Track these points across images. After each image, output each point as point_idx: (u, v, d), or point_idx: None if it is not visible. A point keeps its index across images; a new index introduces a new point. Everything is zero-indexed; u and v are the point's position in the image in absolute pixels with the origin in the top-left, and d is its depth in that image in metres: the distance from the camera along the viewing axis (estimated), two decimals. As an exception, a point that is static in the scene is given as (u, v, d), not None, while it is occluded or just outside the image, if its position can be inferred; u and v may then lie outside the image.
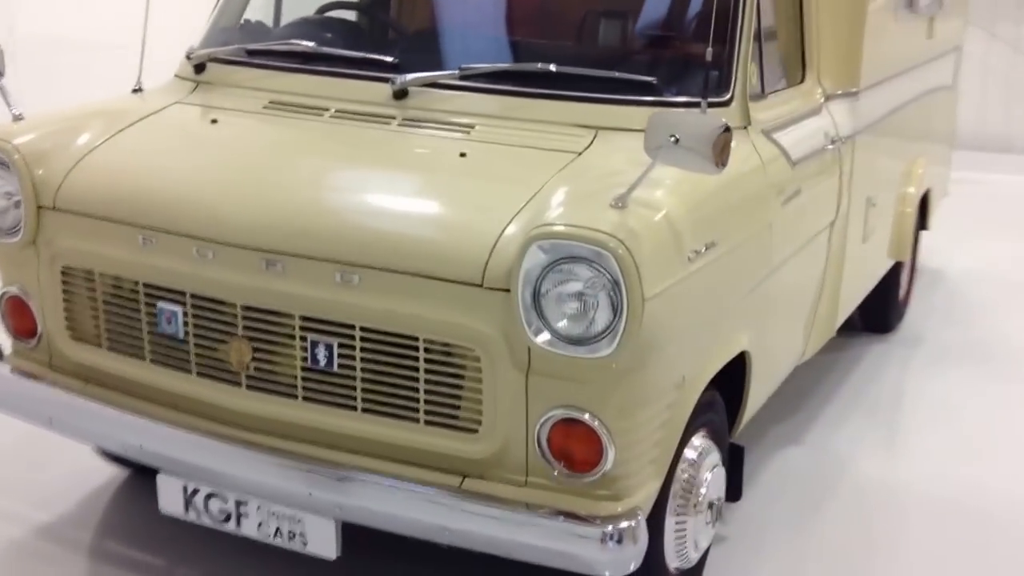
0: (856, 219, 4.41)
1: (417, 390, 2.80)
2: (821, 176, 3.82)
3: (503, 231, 2.68)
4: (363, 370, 2.83)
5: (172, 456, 3.03)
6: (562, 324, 2.60)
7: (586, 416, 2.67)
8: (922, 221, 5.92)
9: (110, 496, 3.71)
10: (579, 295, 2.59)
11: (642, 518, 2.71)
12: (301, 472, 2.87)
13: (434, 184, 2.96)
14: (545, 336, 2.61)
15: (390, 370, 2.81)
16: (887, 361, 5.36)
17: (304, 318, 2.85)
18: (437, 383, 2.78)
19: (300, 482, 2.87)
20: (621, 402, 2.69)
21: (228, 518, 3.02)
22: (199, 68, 3.60)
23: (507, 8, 3.80)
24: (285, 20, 3.94)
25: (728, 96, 3.23)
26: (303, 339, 2.87)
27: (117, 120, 3.35)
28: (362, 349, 2.81)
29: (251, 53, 3.58)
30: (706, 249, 2.84)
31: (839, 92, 4.09)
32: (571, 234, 2.55)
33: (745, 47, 3.28)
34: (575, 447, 2.71)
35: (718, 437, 3.30)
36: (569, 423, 2.70)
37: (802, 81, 3.94)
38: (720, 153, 2.54)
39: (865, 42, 4.18)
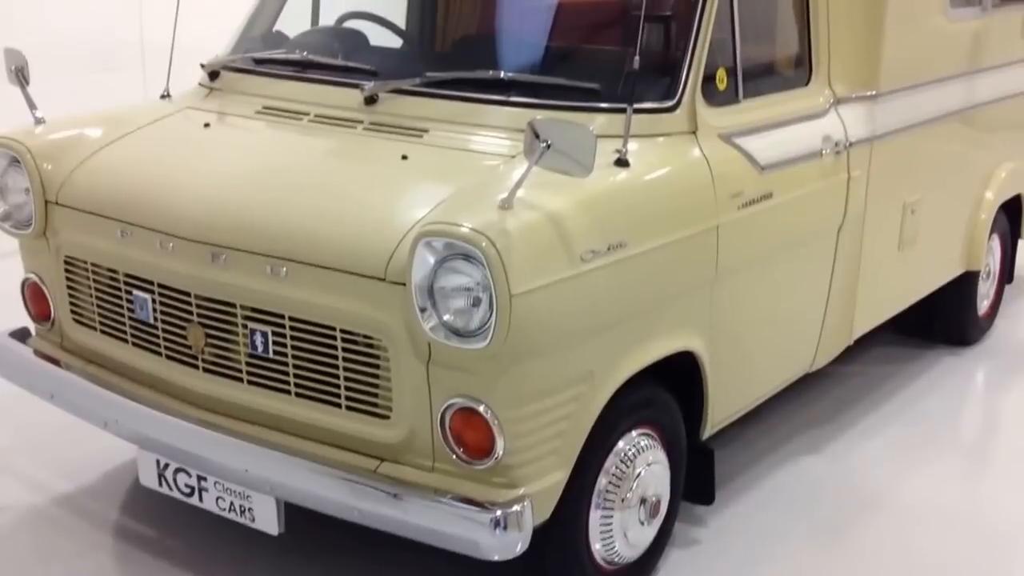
0: (884, 225, 4.32)
1: (338, 376, 2.98)
2: (813, 180, 3.78)
3: (410, 229, 2.83)
4: (294, 357, 3.04)
5: (141, 432, 3.30)
6: (448, 317, 2.73)
7: (481, 407, 2.80)
8: (1015, 229, 5.70)
9: (130, 471, 4.03)
10: (467, 290, 2.72)
11: (528, 505, 2.81)
12: (239, 451, 3.10)
13: (365, 184, 3.13)
14: (435, 328, 2.74)
15: (315, 357, 3.00)
16: (951, 374, 5.19)
17: (244, 307, 3.08)
18: (354, 371, 2.96)
19: (238, 460, 3.09)
20: (510, 393, 2.80)
21: (192, 492, 3.27)
22: (214, 76, 3.88)
23: (471, 19, 3.96)
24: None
25: (674, 102, 3.27)
26: (244, 327, 3.10)
27: (125, 124, 3.66)
28: (292, 337, 3.02)
29: (257, 62, 3.84)
30: (609, 249, 2.90)
31: (853, 95, 4.02)
32: (448, 232, 2.69)
33: (698, 55, 3.31)
34: (469, 435, 2.84)
35: (666, 435, 3.34)
36: (466, 412, 2.83)
37: (807, 84, 3.91)
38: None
39: (887, 44, 4.09)
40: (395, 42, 4.27)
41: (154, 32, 6.32)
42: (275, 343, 3.05)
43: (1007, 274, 5.73)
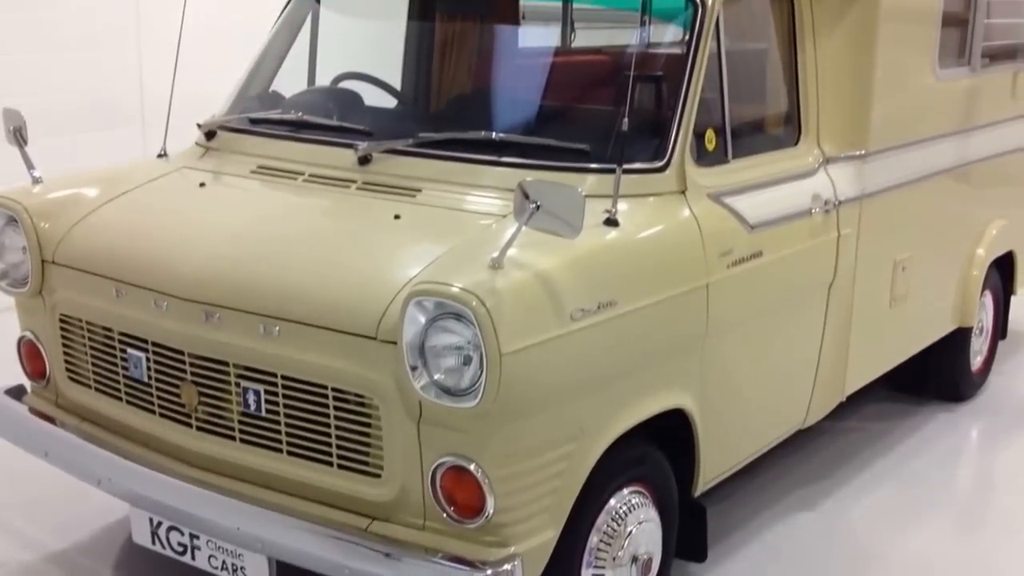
0: (875, 282, 4.35)
1: (330, 435, 2.99)
2: (802, 238, 3.82)
3: (401, 289, 2.85)
4: (286, 415, 3.05)
5: (134, 490, 3.30)
6: (439, 376, 2.75)
7: (471, 465, 2.81)
8: (1008, 285, 5.74)
9: (123, 529, 4.03)
10: (458, 349, 2.74)
11: (519, 564, 2.81)
12: (231, 509, 3.10)
13: (358, 243, 3.17)
14: (426, 387, 2.76)
15: (307, 416, 3.02)
16: (945, 431, 5.20)
17: (237, 366, 3.10)
18: (346, 429, 2.97)
19: (230, 518, 3.09)
20: (501, 452, 2.81)
21: (185, 550, 3.27)
22: (210, 135, 3.93)
23: (464, 80, 4.01)
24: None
25: (663, 163, 3.31)
26: (238, 385, 3.11)
27: (121, 184, 3.70)
28: (284, 396, 3.04)
29: (253, 122, 3.89)
30: (599, 307, 2.92)
31: (842, 155, 4.07)
32: (438, 291, 2.71)
33: (687, 115, 3.36)
34: (460, 494, 2.85)
35: (657, 493, 3.35)
36: (457, 470, 2.84)
37: (796, 144, 3.96)
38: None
39: (875, 104, 4.14)
40: (390, 102, 4.33)
41: (153, 89, 6.40)
42: (267, 401, 3.07)
43: (1000, 330, 5.76)
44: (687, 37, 3.45)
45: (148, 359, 3.29)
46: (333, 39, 4.26)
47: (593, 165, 3.25)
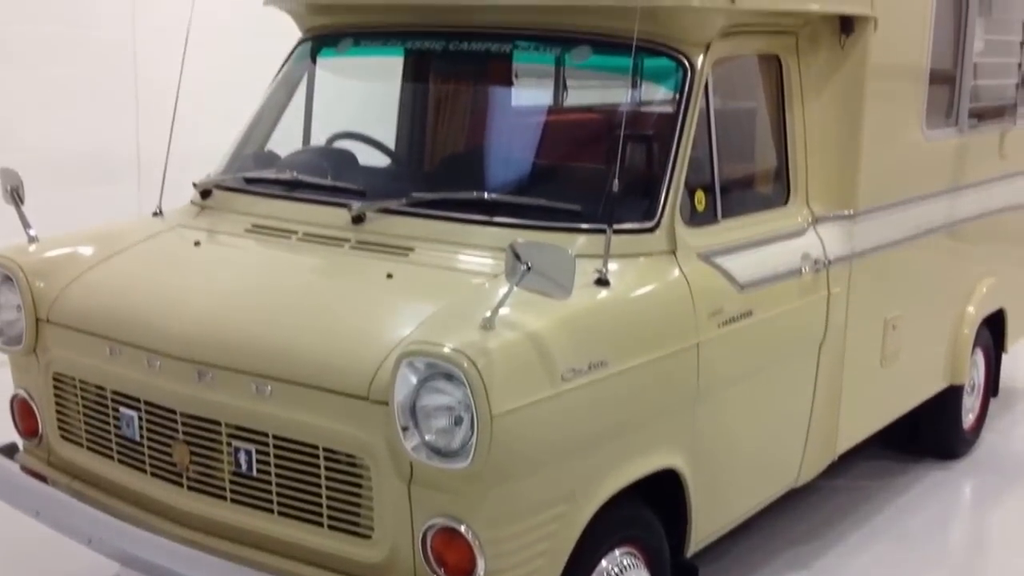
0: (866, 341, 4.37)
1: (320, 495, 2.99)
2: (792, 297, 3.84)
3: (393, 349, 2.87)
4: (277, 475, 3.05)
5: (124, 550, 3.29)
6: (430, 437, 2.76)
7: (462, 527, 2.81)
8: (998, 343, 5.76)
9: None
10: (449, 409, 2.75)
11: None
12: (221, 570, 3.08)
13: (350, 303, 3.19)
14: (417, 448, 2.77)
15: (298, 476, 3.02)
16: (939, 488, 5.20)
17: (229, 425, 3.11)
18: (337, 490, 2.97)
19: None
20: (492, 513, 2.81)
21: (175, 611, 3.25)
22: (205, 194, 3.96)
23: (457, 140, 4.08)
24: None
25: (654, 223, 3.34)
26: (229, 445, 3.12)
27: (116, 242, 3.73)
28: (275, 456, 3.04)
29: (248, 181, 3.92)
30: (590, 368, 2.94)
31: (831, 215, 4.11)
32: (430, 351, 2.73)
33: (677, 176, 3.40)
34: (450, 555, 2.84)
35: (649, 554, 3.34)
36: (447, 532, 2.83)
37: (785, 203, 3.99)
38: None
39: (864, 164, 4.18)
40: (384, 161, 4.36)
41: (149, 145, 6.46)
42: (259, 461, 3.07)
43: (992, 387, 5.77)
44: (676, 99, 3.49)
45: (140, 418, 3.30)
46: (328, 99, 4.31)
47: (584, 225, 3.28)
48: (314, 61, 4.24)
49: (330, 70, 4.29)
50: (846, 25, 4.06)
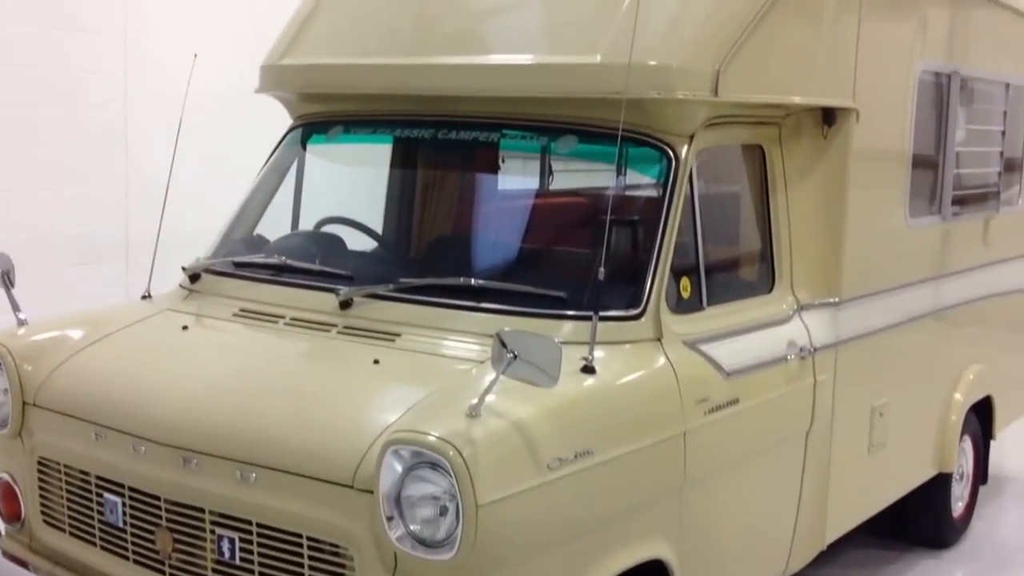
0: (853, 428, 4.37)
1: (304, 585, 2.97)
2: (779, 385, 3.85)
3: (378, 436, 2.86)
4: (260, 564, 3.03)
5: None
6: (415, 527, 2.75)
7: (448, 619, 2.78)
8: (986, 430, 5.76)
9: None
10: (434, 499, 2.74)
11: None
12: None
13: (336, 389, 3.19)
14: (401, 538, 2.75)
15: (282, 565, 2.99)
16: (928, 577, 5.17)
17: (213, 512, 3.08)
18: (321, 579, 2.94)
19: None
20: None
21: None
22: (194, 278, 3.97)
23: (445, 225, 4.11)
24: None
25: (639, 311, 3.36)
26: (213, 532, 3.09)
27: (105, 326, 3.73)
28: (259, 544, 3.02)
29: (237, 265, 3.94)
30: (576, 457, 2.94)
31: (816, 302, 4.13)
32: (415, 440, 2.73)
33: (662, 265, 3.43)
34: (436, 647, 2.80)
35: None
36: (433, 623, 2.80)
37: (770, 291, 4.02)
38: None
39: (848, 252, 4.21)
40: (372, 246, 4.39)
41: (138, 226, 6.50)
42: (242, 549, 3.05)
43: (981, 475, 5.76)
44: (661, 188, 3.53)
45: (124, 504, 3.28)
46: (318, 184, 4.35)
47: (570, 312, 3.30)
48: (304, 147, 4.29)
49: (320, 156, 4.33)
50: (828, 116, 4.13)
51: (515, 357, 2.73)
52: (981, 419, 5.66)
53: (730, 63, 3.54)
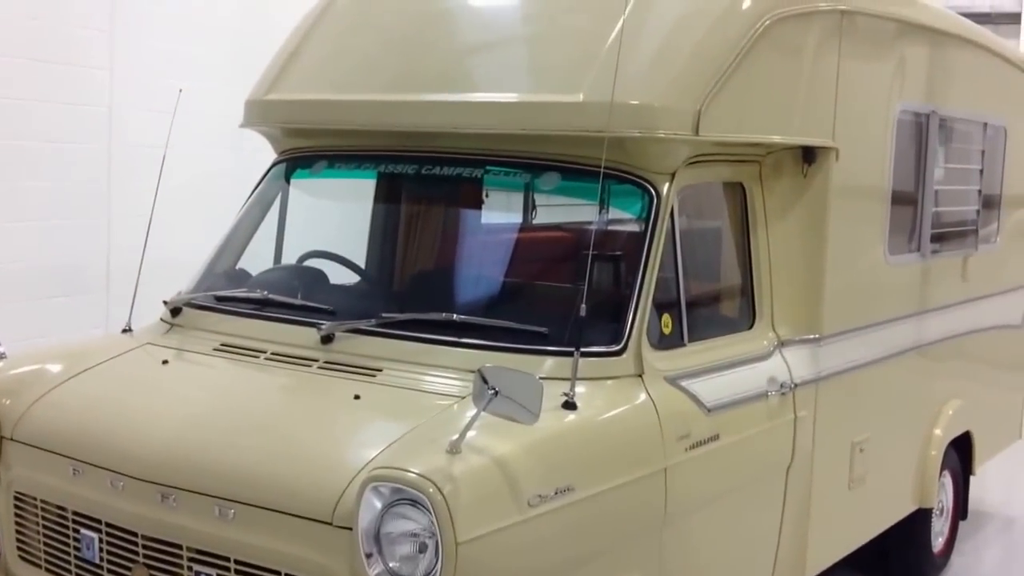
0: (833, 464, 4.38)
1: (283, 623, 2.95)
2: (759, 421, 3.87)
3: (358, 472, 2.86)
4: (238, 602, 3.01)
5: None
6: (393, 564, 2.74)
7: (428, 658, 2.76)
8: (966, 465, 5.78)
9: None
10: (413, 536, 2.74)
11: None
12: None
13: (316, 425, 3.18)
14: (380, 575, 2.74)
15: (260, 603, 2.98)
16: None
17: (191, 549, 3.07)
18: (300, 617, 2.93)
19: None
20: None
21: None
22: (175, 312, 3.97)
23: (427, 260, 4.13)
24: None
25: (621, 347, 3.38)
26: (190, 569, 3.08)
27: (85, 360, 3.72)
28: (236, 582, 3.00)
29: (219, 299, 3.94)
30: (556, 493, 2.94)
31: (796, 338, 4.15)
32: (395, 477, 2.73)
33: (643, 302, 3.44)
34: None
35: None
36: (411, 663, 2.79)
37: (751, 327, 4.04)
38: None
39: (828, 289, 4.23)
40: (354, 279, 4.40)
41: (120, 258, 6.48)
42: (220, 587, 3.03)
43: (961, 511, 5.77)
44: (643, 225, 3.55)
45: (101, 540, 3.26)
46: (301, 218, 4.36)
47: (552, 348, 3.31)
48: (288, 181, 4.30)
49: (304, 190, 4.35)
50: (808, 155, 4.16)
51: (496, 393, 2.73)
52: (961, 455, 5.68)
53: (711, 103, 3.58)
